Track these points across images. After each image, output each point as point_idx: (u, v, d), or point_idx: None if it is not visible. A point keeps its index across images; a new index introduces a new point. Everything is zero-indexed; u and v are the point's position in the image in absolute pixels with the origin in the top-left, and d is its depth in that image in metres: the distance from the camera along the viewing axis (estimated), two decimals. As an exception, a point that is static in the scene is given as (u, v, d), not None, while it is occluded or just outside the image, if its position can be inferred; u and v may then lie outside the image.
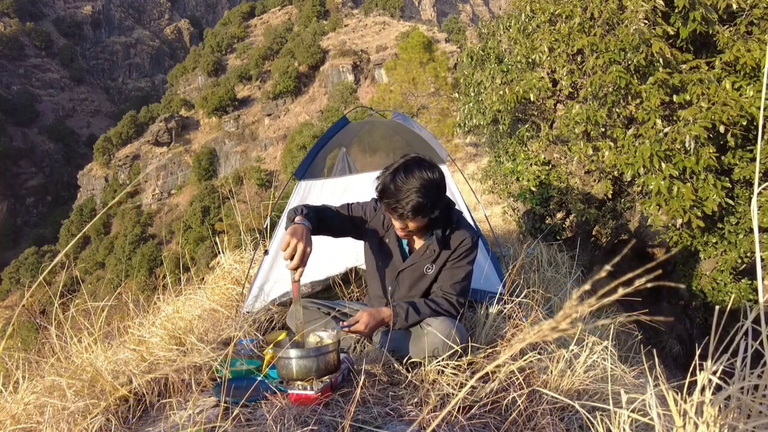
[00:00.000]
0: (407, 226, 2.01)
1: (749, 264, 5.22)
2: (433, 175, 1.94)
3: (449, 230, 2.12)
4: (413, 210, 1.90)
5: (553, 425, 1.56)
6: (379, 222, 2.26)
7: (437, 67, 24.93)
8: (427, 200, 1.90)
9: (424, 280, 2.20)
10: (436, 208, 1.98)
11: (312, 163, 3.31)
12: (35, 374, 2.00)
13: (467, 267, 2.14)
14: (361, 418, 1.65)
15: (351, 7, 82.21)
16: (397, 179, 1.92)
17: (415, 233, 2.11)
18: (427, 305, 2.04)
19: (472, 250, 2.15)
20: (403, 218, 1.96)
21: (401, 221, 2.00)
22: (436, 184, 1.95)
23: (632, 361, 2.64)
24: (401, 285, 2.25)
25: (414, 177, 1.91)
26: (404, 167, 1.95)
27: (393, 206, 1.93)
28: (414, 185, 1.89)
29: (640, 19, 4.77)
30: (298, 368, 1.78)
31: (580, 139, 5.50)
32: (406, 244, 2.25)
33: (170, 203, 61.78)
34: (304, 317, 2.34)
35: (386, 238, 2.25)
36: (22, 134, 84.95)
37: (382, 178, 1.99)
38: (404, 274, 2.23)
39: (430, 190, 1.91)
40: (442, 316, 2.06)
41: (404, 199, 1.89)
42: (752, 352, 1.07)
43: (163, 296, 3.14)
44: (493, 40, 7.10)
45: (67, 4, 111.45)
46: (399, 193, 1.90)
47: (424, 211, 1.93)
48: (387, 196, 1.95)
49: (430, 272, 2.17)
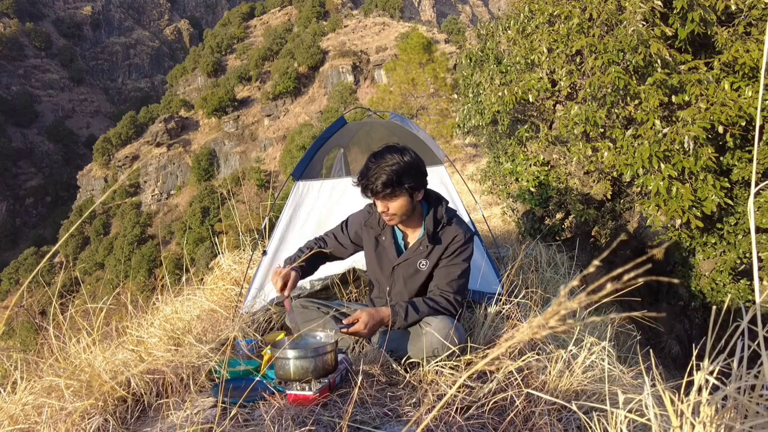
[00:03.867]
0: (387, 207, 2.09)
1: (748, 264, 5.22)
2: (402, 156, 2.07)
3: (441, 225, 2.18)
4: (383, 184, 2.01)
5: (550, 425, 1.56)
6: (375, 221, 2.32)
7: (436, 68, 24.95)
8: (394, 175, 2.01)
9: (419, 275, 2.23)
10: (409, 180, 2.06)
11: (310, 163, 3.31)
12: (33, 374, 2.00)
13: (463, 264, 2.17)
14: (359, 418, 1.65)
15: (351, 7, 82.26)
16: (369, 163, 2.09)
17: (399, 216, 2.14)
18: (425, 304, 2.06)
19: (465, 246, 2.18)
20: (377, 195, 2.06)
21: (379, 200, 2.09)
22: (406, 164, 2.06)
23: (631, 362, 2.64)
24: (396, 281, 2.29)
25: (383, 158, 2.06)
26: (375, 153, 2.12)
27: (365, 185, 2.06)
28: (383, 164, 2.04)
29: (639, 20, 4.78)
30: (295, 369, 1.78)
31: (579, 139, 5.51)
32: (402, 238, 2.31)
33: (170, 204, 61.75)
34: (303, 317, 2.34)
35: (382, 236, 2.31)
36: (21, 135, 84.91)
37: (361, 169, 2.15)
38: (399, 270, 2.26)
39: (400, 166, 2.04)
40: (441, 316, 2.06)
41: (374, 176, 2.03)
42: (749, 353, 1.07)
43: (162, 297, 3.14)
44: (492, 41, 7.11)
45: (67, 5, 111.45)
46: (369, 172, 2.04)
47: (393, 184, 2.02)
48: (361, 178, 2.08)
49: (424, 267, 2.20)
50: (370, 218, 2.35)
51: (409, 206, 2.13)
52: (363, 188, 2.09)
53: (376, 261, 2.34)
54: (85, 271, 49.91)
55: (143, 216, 59.66)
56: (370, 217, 2.36)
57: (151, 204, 62.30)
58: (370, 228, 2.34)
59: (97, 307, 2.21)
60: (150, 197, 62.93)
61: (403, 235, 2.31)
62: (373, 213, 2.34)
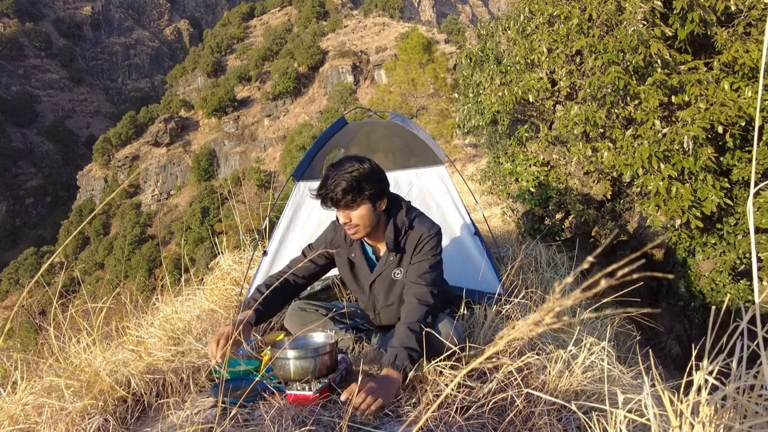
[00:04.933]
0: (350, 218, 2.03)
1: (748, 265, 5.23)
2: (361, 163, 2.02)
3: (403, 232, 2.12)
4: (343, 191, 1.96)
5: (550, 425, 1.56)
6: (341, 239, 2.25)
7: (436, 68, 24.96)
8: (354, 181, 1.96)
9: (397, 285, 2.18)
10: (368, 189, 2.01)
11: (310, 164, 3.31)
12: (34, 375, 2.00)
13: (432, 259, 2.08)
14: (359, 418, 1.65)
15: (350, 8, 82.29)
16: (327, 173, 2.03)
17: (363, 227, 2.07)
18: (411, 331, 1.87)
19: (431, 241, 2.10)
20: (338, 204, 1.99)
21: (341, 210, 2.03)
22: (365, 170, 2.01)
23: (630, 362, 2.64)
24: (377, 295, 2.24)
25: (342, 166, 2.01)
26: (333, 163, 2.08)
27: (324, 194, 2.00)
28: (341, 171, 1.99)
29: (639, 20, 4.78)
30: (295, 369, 1.78)
31: (579, 140, 5.51)
32: (372, 252, 2.24)
33: (169, 204, 61.78)
34: (302, 320, 2.34)
35: (352, 254, 2.24)
36: (21, 135, 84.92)
37: None
38: (376, 284, 2.22)
39: (360, 174, 1.99)
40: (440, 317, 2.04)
41: (332, 184, 1.97)
42: (748, 353, 1.07)
43: (162, 297, 3.14)
44: (492, 41, 7.10)
45: (67, 5, 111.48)
46: (328, 181, 1.99)
47: (353, 191, 1.97)
48: (320, 188, 2.02)
49: (399, 276, 2.15)
50: (336, 237, 2.27)
51: (372, 216, 2.06)
52: (323, 198, 2.01)
53: (353, 280, 2.29)
54: (85, 271, 49.93)
55: (143, 216, 59.68)
56: (335, 236, 2.27)
57: (151, 204, 62.33)
58: (338, 247, 2.25)
59: (97, 307, 2.21)
60: (150, 197, 62.96)
61: (374, 249, 2.24)
62: (338, 230, 2.26)
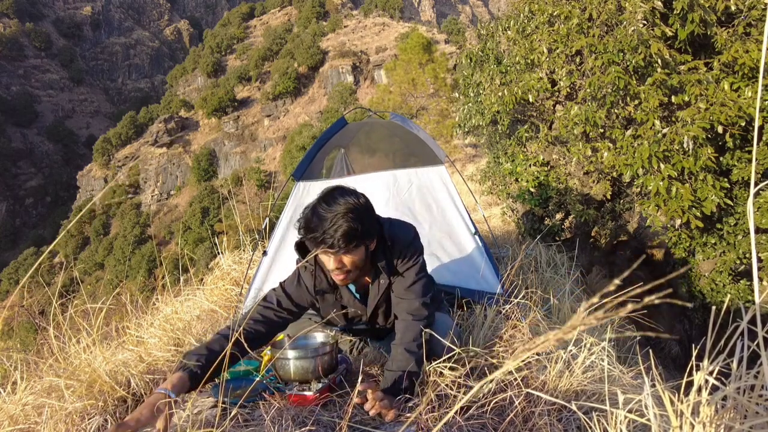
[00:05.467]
0: (343, 264, 1.76)
1: (748, 265, 5.22)
2: (358, 199, 1.76)
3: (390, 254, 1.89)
4: (344, 236, 1.67)
5: (550, 426, 1.56)
6: (326, 284, 1.95)
7: (436, 68, 24.95)
8: (357, 224, 1.69)
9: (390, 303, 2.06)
10: (370, 234, 1.77)
11: (310, 164, 3.31)
12: (33, 375, 2.00)
13: (415, 266, 1.91)
14: (359, 418, 1.65)
15: (350, 8, 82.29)
16: (318, 210, 1.72)
17: (354, 271, 1.81)
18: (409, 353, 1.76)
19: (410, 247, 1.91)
20: (335, 250, 1.70)
21: (334, 255, 1.74)
22: (364, 207, 1.76)
23: (630, 362, 2.64)
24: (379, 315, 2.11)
25: (338, 203, 1.71)
26: (324, 197, 1.76)
27: (320, 239, 1.68)
28: (339, 210, 1.69)
29: (639, 20, 4.78)
30: (296, 369, 1.78)
31: (578, 140, 5.51)
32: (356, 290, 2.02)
33: (169, 204, 61.77)
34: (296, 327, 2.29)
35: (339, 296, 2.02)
36: (21, 135, 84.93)
37: (302, 216, 1.78)
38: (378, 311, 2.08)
39: (359, 214, 1.72)
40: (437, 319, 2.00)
41: (331, 227, 1.67)
42: (749, 353, 1.07)
43: (162, 297, 3.14)
44: (492, 41, 7.10)
45: (67, 5, 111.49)
46: (324, 223, 1.68)
47: (357, 237, 1.70)
48: (311, 230, 1.70)
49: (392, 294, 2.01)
50: (317, 282, 1.95)
51: (364, 259, 1.81)
52: (317, 242, 1.69)
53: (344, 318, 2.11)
54: (84, 271, 49.94)
55: (143, 216, 59.68)
56: (315, 281, 1.94)
57: (151, 204, 62.33)
58: (323, 293, 1.98)
59: (97, 307, 2.21)
60: (150, 197, 62.95)
61: (357, 287, 2.03)
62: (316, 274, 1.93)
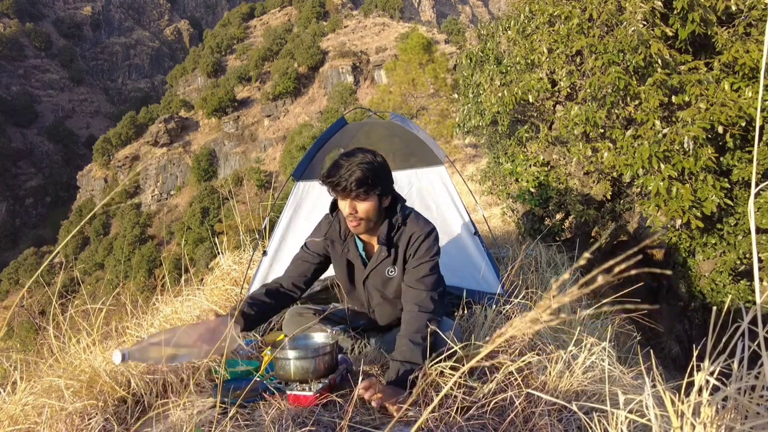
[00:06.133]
0: (356, 210, 2.00)
1: (748, 265, 5.22)
2: (374, 157, 2.02)
3: (395, 229, 2.09)
4: (357, 181, 1.93)
5: (551, 426, 1.56)
6: (336, 233, 2.20)
7: (436, 68, 24.97)
8: (369, 174, 1.95)
9: (391, 283, 2.17)
10: (382, 185, 2.01)
11: (310, 164, 3.31)
12: (33, 375, 2.00)
13: (429, 261, 2.05)
14: (359, 419, 1.65)
15: (351, 8, 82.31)
16: (339, 160, 2.00)
17: (366, 221, 2.04)
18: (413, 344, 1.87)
19: (426, 241, 2.07)
20: (347, 193, 1.96)
21: (348, 199, 1.99)
22: (379, 165, 2.01)
23: (631, 362, 2.64)
24: (371, 292, 2.24)
25: (356, 156, 1.99)
26: (345, 152, 2.05)
27: (336, 182, 1.96)
28: (356, 161, 1.96)
29: (639, 20, 4.78)
30: (295, 369, 1.78)
31: (579, 140, 5.51)
32: (362, 248, 2.21)
33: (169, 204, 61.78)
34: (299, 324, 2.31)
35: (346, 249, 2.21)
36: (21, 135, 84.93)
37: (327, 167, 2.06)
38: (369, 281, 2.21)
39: (373, 166, 1.97)
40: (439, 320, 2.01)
41: (347, 173, 1.94)
42: (749, 353, 1.07)
43: (162, 297, 3.14)
44: (492, 42, 7.10)
45: (67, 5, 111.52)
46: (341, 169, 1.95)
47: (367, 184, 1.95)
48: (331, 175, 1.97)
49: (393, 275, 2.14)
50: (330, 230, 2.20)
51: (376, 212, 2.03)
52: (333, 185, 1.97)
53: (347, 277, 2.26)
54: (84, 271, 49.93)
55: (143, 216, 59.67)
56: (329, 229, 2.20)
57: (151, 204, 62.33)
58: (333, 241, 2.21)
59: (97, 307, 2.21)
60: (150, 197, 62.96)
61: (365, 246, 2.21)
62: (332, 224, 2.20)
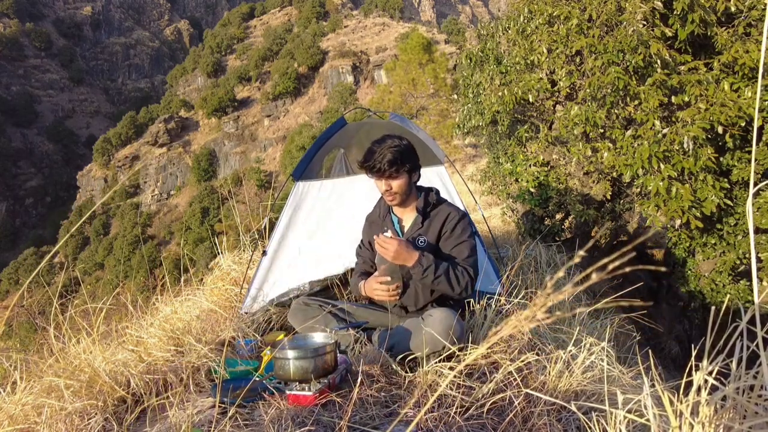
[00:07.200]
0: (390, 186, 2.30)
1: (748, 265, 5.22)
2: (401, 140, 2.34)
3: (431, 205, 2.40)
4: (389, 162, 2.24)
5: (550, 426, 1.56)
6: (375, 215, 2.56)
7: (436, 69, 24.95)
8: (398, 155, 2.26)
9: None
10: (410, 163, 2.32)
11: (309, 164, 3.31)
12: (33, 375, 2.00)
13: (469, 241, 2.33)
14: (358, 419, 1.65)
15: (351, 8, 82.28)
16: (372, 147, 2.32)
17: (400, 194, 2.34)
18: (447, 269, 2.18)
19: (462, 222, 2.35)
20: (382, 173, 2.27)
21: (382, 178, 2.30)
22: (405, 147, 2.32)
23: (630, 362, 2.64)
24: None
25: (386, 142, 2.31)
26: (377, 140, 2.36)
27: (371, 165, 2.27)
28: (386, 146, 2.28)
29: (639, 20, 4.78)
30: (295, 369, 1.78)
31: (578, 140, 5.51)
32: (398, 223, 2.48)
33: (169, 204, 61.75)
34: (305, 315, 2.35)
35: (384, 227, 2.49)
36: (21, 135, 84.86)
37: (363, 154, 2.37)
38: None
39: (400, 148, 2.29)
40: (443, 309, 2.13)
41: (379, 156, 2.25)
42: (748, 353, 1.07)
43: (162, 297, 3.14)
44: (491, 42, 7.10)
45: (67, 5, 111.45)
46: (374, 154, 2.27)
47: (398, 162, 2.26)
48: (367, 160, 2.29)
49: (423, 244, 2.33)
50: (371, 214, 2.58)
51: (408, 186, 2.35)
52: (369, 168, 2.28)
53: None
54: (84, 271, 49.88)
55: (143, 216, 59.62)
56: (371, 213, 2.58)
57: (151, 204, 62.29)
58: (373, 223, 2.55)
59: (97, 307, 2.21)
60: (150, 197, 62.92)
61: (399, 220, 2.47)
62: (374, 210, 2.57)
